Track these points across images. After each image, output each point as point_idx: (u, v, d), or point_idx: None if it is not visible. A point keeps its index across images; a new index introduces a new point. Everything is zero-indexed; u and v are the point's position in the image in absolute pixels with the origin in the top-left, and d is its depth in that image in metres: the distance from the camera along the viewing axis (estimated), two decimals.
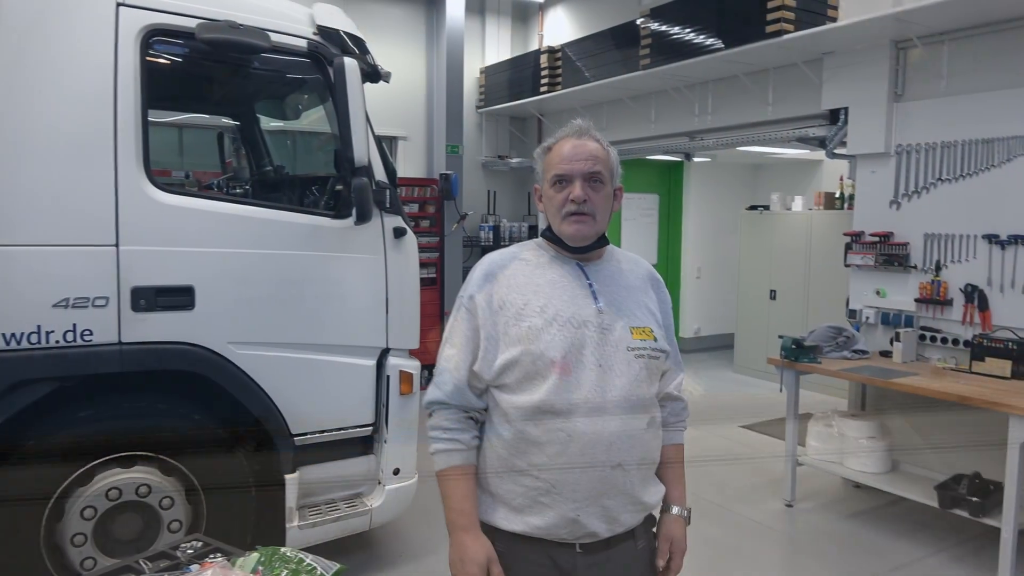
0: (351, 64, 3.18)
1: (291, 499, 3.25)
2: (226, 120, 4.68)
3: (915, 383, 3.97)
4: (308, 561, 1.48)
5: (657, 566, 1.82)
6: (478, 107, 8.78)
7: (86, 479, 2.89)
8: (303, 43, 3.25)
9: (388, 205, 3.44)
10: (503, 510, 1.70)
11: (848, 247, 5.01)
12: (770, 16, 5.04)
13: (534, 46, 8.69)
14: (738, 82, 5.98)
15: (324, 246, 3.31)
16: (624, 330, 1.71)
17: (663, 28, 6.00)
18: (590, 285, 1.74)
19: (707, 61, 5.67)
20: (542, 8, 8.84)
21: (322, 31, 3.31)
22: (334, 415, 3.39)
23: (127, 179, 2.89)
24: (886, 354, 4.67)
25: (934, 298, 4.52)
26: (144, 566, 1.56)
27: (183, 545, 1.65)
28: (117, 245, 2.86)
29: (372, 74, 3.40)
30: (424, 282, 6.50)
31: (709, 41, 5.58)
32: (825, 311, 6.85)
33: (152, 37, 2.97)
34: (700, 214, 9.62)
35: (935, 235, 4.55)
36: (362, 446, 3.53)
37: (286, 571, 1.46)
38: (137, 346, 2.91)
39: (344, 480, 3.50)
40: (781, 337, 4.58)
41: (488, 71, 8.62)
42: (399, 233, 3.50)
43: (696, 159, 8.64)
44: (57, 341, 2.77)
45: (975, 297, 4.33)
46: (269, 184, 4.30)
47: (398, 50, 8.10)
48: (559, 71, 7.44)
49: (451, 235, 7.92)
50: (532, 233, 8.47)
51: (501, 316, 1.70)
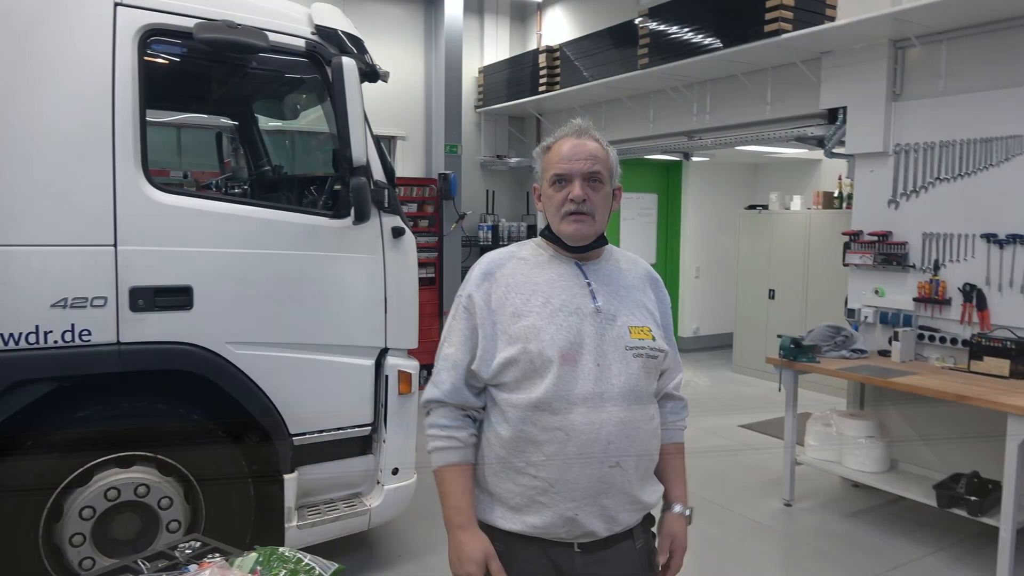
0: (349, 64, 3.18)
1: (290, 499, 3.25)
2: (224, 120, 4.67)
3: (913, 382, 3.97)
4: (306, 561, 1.48)
5: (657, 564, 1.82)
6: (477, 107, 8.78)
7: (85, 479, 2.89)
8: (301, 43, 3.25)
9: (387, 205, 3.44)
10: (501, 509, 1.70)
11: (847, 246, 5.01)
12: (768, 15, 5.05)
13: (532, 46, 8.68)
14: (736, 81, 5.98)
15: (323, 246, 3.31)
16: (622, 329, 1.71)
17: (661, 27, 6.00)
18: (588, 284, 1.74)
19: (705, 60, 5.68)
20: (540, 8, 8.84)
21: (320, 31, 3.31)
22: (333, 415, 3.39)
23: (125, 179, 2.89)
24: (885, 353, 4.67)
25: (932, 297, 4.53)
26: (142, 566, 1.56)
27: (181, 545, 1.65)
28: (115, 245, 2.86)
29: (370, 74, 3.40)
30: (423, 282, 6.49)
31: (707, 40, 5.59)
32: (824, 310, 6.86)
33: (150, 37, 2.97)
34: (699, 214, 9.62)
35: (933, 234, 4.55)
36: (361, 446, 3.52)
37: (284, 571, 1.46)
38: (135, 346, 2.91)
39: (343, 480, 3.50)
40: (780, 336, 4.59)
41: (487, 71, 8.62)
42: (398, 233, 3.50)
43: (695, 159, 8.64)
44: (55, 341, 2.77)
45: (973, 296, 4.33)
46: (267, 184, 4.29)
47: (396, 50, 8.10)
48: (557, 71, 7.44)
49: (450, 235, 7.93)
50: (531, 233, 8.47)
51: (499, 315, 1.70)
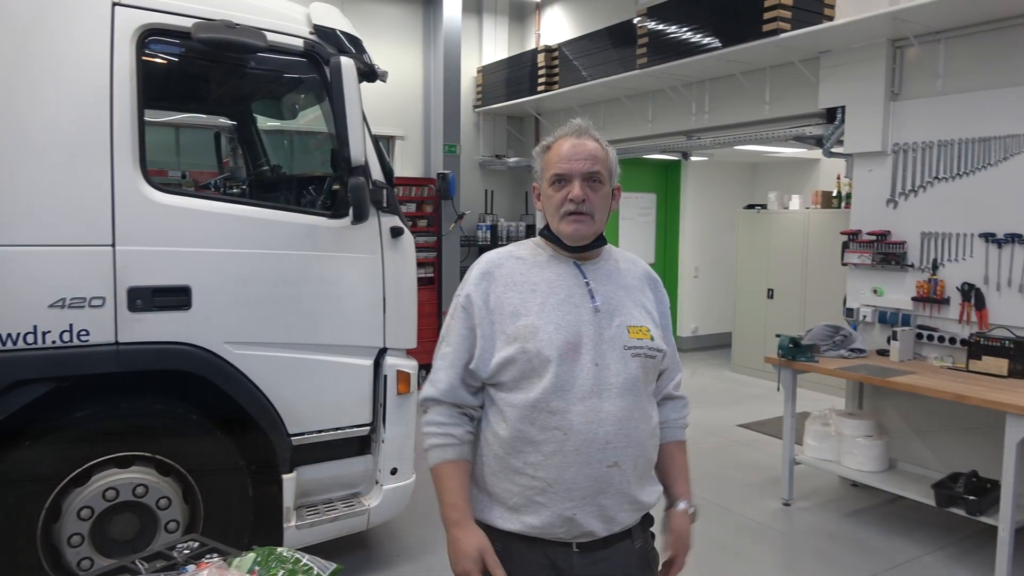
0: (348, 63, 3.18)
1: (288, 499, 3.25)
2: (223, 120, 4.67)
3: (912, 382, 3.98)
4: (304, 561, 1.48)
5: (660, 562, 1.82)
6: (475, 106, 8.77)
7: (83, 479, 2.89)
8: (300, 42, 3.25)
9: (385, 205, 3.44)
10: (499, 509, 1.70)
11: (845, 246, 5.01)
12: (767, 15, 5.05)
13: (531, 45, 8.69)
14: (735, 81, 5.98)
15: (321, 246, 3.31)
16: (621, 329, 1.71)
17: (660, 27, 6.00)
18: (587, 284, 1.74)
19: (704, 60, 5.68)
20: (539, 7, 8.84)
21: (319, 30, 3.30)
22: (331, 415, 3.39)
23: (123, 179, 2.88)
24: (883, 353, 4.67)
25: (931, 297, 4.53)
26: (140, 566, 1.56)
27: (179, 545, 1.64)
28: (113, 245, 2.86)
29: (369, 73, 3.40)
30: (421, 282, 6.49)
31: (706, 40, 5.59)
32: (822, 310, 6.87)
33: (148, 37, 2.97)
34: (698, 213, 9.62)
35: (932, 234, 4.55)
36: (359, 446, 3.52)
37: (282, 571, 1.45)
38: (134, 346, 2.91)
39: (341, 480, 3.50)
40: (778, 336, 4.59)
41: (485, 70, 8.62)
42: (396, 233, 3.50)
43: (693, 158, 8.65)
44: (54, 341, 2.77)
45: (972, 296, 4.34)
46: (266, 184, 4.29)
47: (395, 49, 8.10)
48: (556, 70, 7.44)
49: (448, 235, 7.93)
50: (530, 232, 8.47)
51: (498, 315, 1.71)
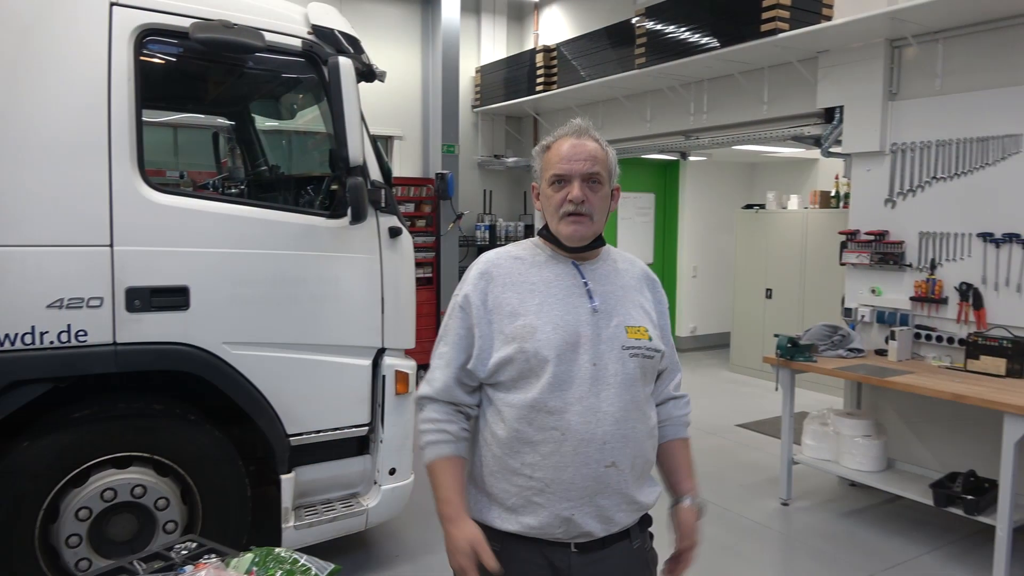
0: (346, 63, 3.17)
1: (287, 499, 3.25)
2: (221, 120, 4.67)
3: (910, 381, 3.98)
4: (303, 561, 1.48)
5: (659, 561, 1.82)
6: (474, 106, 8.78)
7: (81, 480, 2.88)
8: (298, 42, 3.24)
9: (383, 205, 3.44)
10: (498, 510, 1.70)
11: (843, 246, 5.01)
12: (765, 15, 5.05)
13: (530, 45, 8.69)
14: (733, 81, 5.99)
15: (319, 246, 3.30)
16: (619, 329, 1.71)
17: (658, 27, 6.01)
18: (585, 284, 1.74)
19: (702, 60, 5.69)
20: (537, 7, 8.84)
21: (317, 30, 3.30)
22: (330, 415, 3.38)
23: (121, 179, 2.88)
24: (881, 352, 4.67)
25: (929, 296, 4.54)
26: (138, 567, 1.56)
27: (177, 546, 1.64)
28: (111, 245, 2.86)
29: (367, 73, 3.39)
30: (420, 282, 6.50)
31: (704, 40, 5.59)
32: (821, 310, 6.87)
33: (146, 37, 2.96)
34: (696, 213, 9.63)
35: (930, 233, 4.56)
36: (358, 446, 3.52)
37: (280, 571, 1.45)
38: (132, 346, 2.90)
39: (340, 480, 3.50)
40: (777, 336, 4.59)
41: (484, 70, 8.62)
42: (394, 233, 3.50)
43: (692, 158, 8.65)
44: (52, 342, 2.76)
45: (970, 295, 4.34)
46: (264, 184, 4.29)
47: (393, 49, 8.10)
48: (555, 70, 7.45)
49: (447, 235, 7.93)
50: (528, 232, 8.48)
51: (496, 315, 1.71)
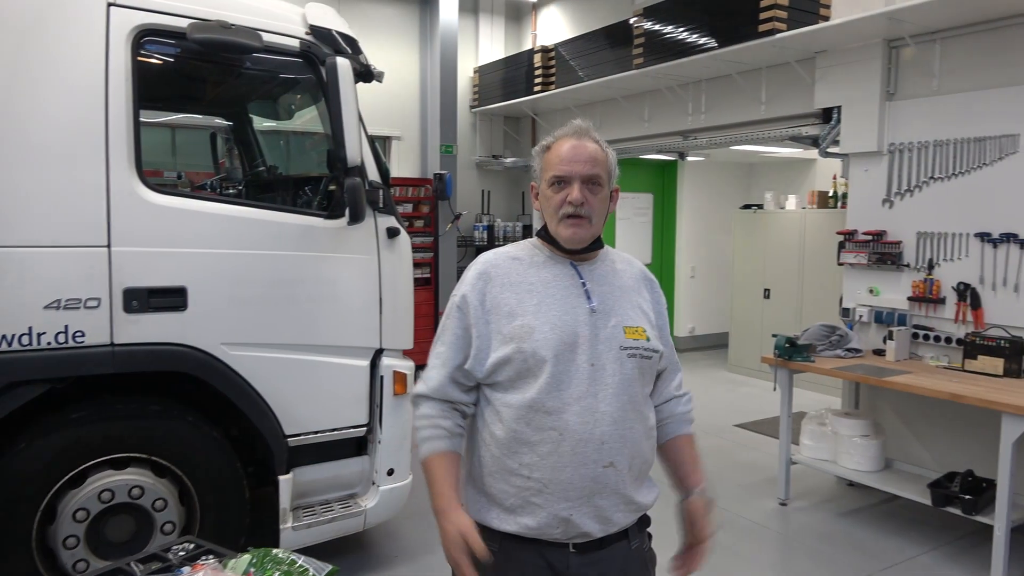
0: (344, 64, 3.17)
1: (285, 500, 3.24)
2: (219, 120, 4.66)
3: (908, 381, 3.98)
4: (300, 562, 1.48)
5: (656, 562, 1.82)
6: (472, 107, 8.77)
7: (78, 481, 2.88)
8: (295, 43, 3.24)
9: (381, 205, 3.44)
10: (496, 510, 1.70)
11: (841, 246, 5.02)
12: (762, 15, 5.06)
13: (528, 45, 8.69)
14: (731, 81, 5.99)
15: (317, 246, 3.30)
16: (617, 329, 1.71)
17: (656, 27, 6.01)
18: (583, 285, 1.74)
19: (700, 60, 5.69)
20: (535, 7, 8.84)
21: (314, 31, 3.30)
22: (328, 416, 3.38)
23: (119, 180, 2.87)
24: (879, 352, 4.68)
25: (927, 296, 4.54)
26: (135, 568, 1.56)
27: (175, 547, 1.64)
28: (109, 246, 2.85)
29: (365, 74, 3.39)
30: (418, 282, 6.51)
31: (702, 40, 5.59)
32: (818, 310, 6.87)
33: (143, 37, 2.96)
34: (694, 213, 9.63)
35: (928, 233, 4.56)
36: (356, 447, 3.52)
37: (278, 572, 1.45)
38: (129, 347, 2.90)
39: (338, 481, 3.50)
40: (775, 336, 4.59)
41: (482, 70, 8.62)
42: (392, 233, 3.49)
43: (690, 158, 8.66)
44: (49, 343, 2.76)
45: (967, 295, 4.34)
46: (262, 184, 4.28)
47: (391, 50, 8.10)
48: (553, 70, 7.44)
49: (445, 235, 7.93)
50: (526, 232, 8.48)
51: (494, 315, 1.71)
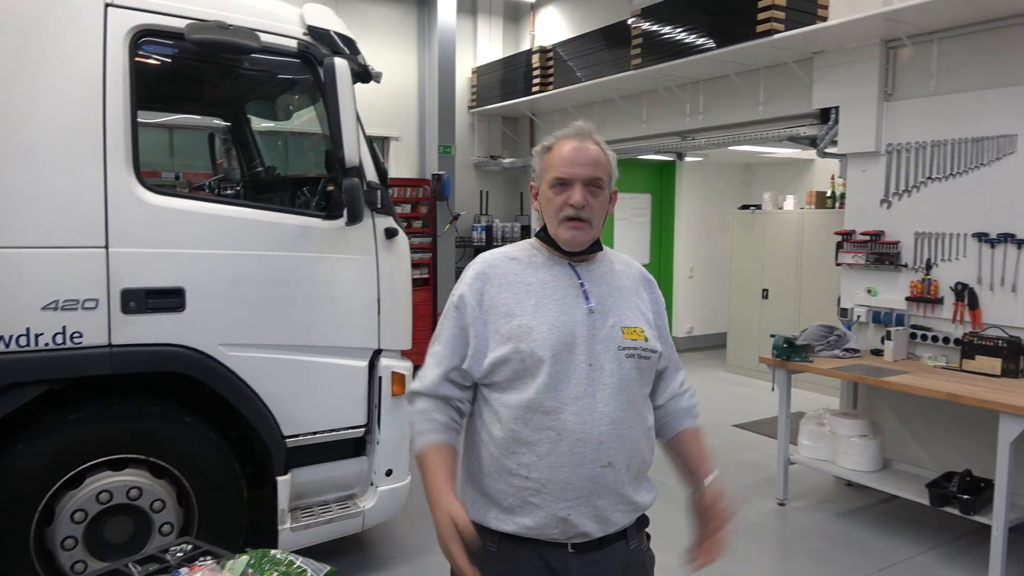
0: (341, 64, 3.17)
1: (283, 501, 3.24)
2: (217, 121, 4.66)
3: (906, 381, 3.99)
4: (298, 563, 1.48)
5: (655, 562, 1.82)
6: (470, 107, 8.77)
7: (76, 482, 2.87)
8: (293, 43, 3.24)
9: (379, 205, 3.44)
10: (495, 511, 1.70)
11: (839, 246, 5.02)
12: (760, 16, 5.06)
13: (526, 46, 8.69)
14: (729, 82, 6.00)
15: (315, 247, 3.30)
16: (615, 330, 1.71)
17: (654, 28, 6.01)
18: (581, 285, 1.74)
19: (698, 61, 5.69)
20: (533, 8, 8.84)
21: (312, 31, 3.29)
22: (326, 417, 3.38)
23: (116, 180, 2.87)
24: (877, 352, 4.68)
25: (925, 296, 4.54)
26: (134, 569, 1.56)
27: (173, 548, 1.64)
28: (107, 247, 2.85)
29: (363, 74, 3.39)
30: (417, 283, 6.50)
31: (700, 41, 5.60)
32: (817, 310, 6.88)
33: (141, 38, 2.95)
34: (692, 213, 9.63)
35: (925, 234, 4.57)
36: (354, 447, 3.51)
37: (276, 573, 1.45)
38: (127, 348, 2.90)
39: (336, 481, 3.49)
40: (773, 336, 4.59)
41: (480, 71, 8.62)
42: (391, 234, 3.49)
43: (688, 159, 8.66)
44: (46, 344, 2.75)
45: (965, 295, 4.35)
46: (260, 185, 4.28)
47: (389, 50, 8.09)
48: (551, 71, 7.45)
49: (443, 235, 7.93)
50: (524, 233, 8.48)
51: (491, 315, 1.71)
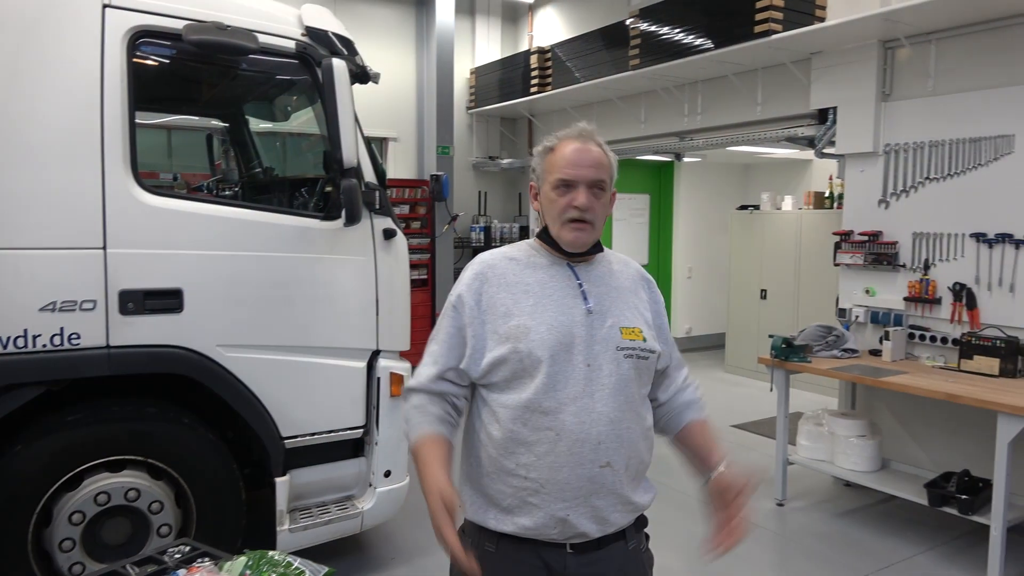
0: (339, 65, 3.16)
1: (281, 502, 3.24)
2: (215, 122, 4.66)
3: (904, 381, 3.99)
4: (296, 564, 1.48)
5: (654, 563, 1.83)
6: (468, 108, 8.77)
7: (74, 483, 2.87)
8: (291, 44, 3.23)
9: (378, 206, 3.43)
10: (494, 511, 1.70)
11: (837, 246, 5.02)
12: (758, 16, 5.06)
13: (524, 46, 8.69)
14: (727, 82, 6.00)
15: (313, 248, 3.30)
16: (613, 330, 1.71)
17: (652, 28, 6.01)
18: (580, 286, 1.74)
19: (696, 61, 5.70)
20: (532, 8, 8.84)
21: (310, 32, 3.29)
22: (324, 418, 3.37)
23: (114, 181, 2.86)
24: (876, 353, 4.69)
25: (923, 297, 4.55)
26: (131, 571, 1.56)
27: (171, 549, 1.64)
28: (105, 248, 2.84)
29: (361, 75, 3.39)
30: (415, 283, 6.50)
31: (698, 41, 5.60)
32: (815, 310, 6.88)
33: (139, 38, 2.95)
34: (691, 214, 9.64)
35: (923, 234, 4.57)
36: (353, 448, 3.51)
37: (274, 575, 1.45)
38: (125, 349, 2.89)
39: (335, 482, 3.49)
40: (771, 336, 4.59)
41: (478, 72, 8.62)
42: (389, 234, 3.49)
43: (686, 159, 8.67)
44: (44, 345, 2.75)
45: (963, 295, 4.35)
46: (258, 186, 4.28)
47: (388, 51, 8.09)
48: (549, 71, 7.45)
49: (442, 236, 7.93)
50: (523, 233, 8.48)
51: (490, 315, 1.71)
